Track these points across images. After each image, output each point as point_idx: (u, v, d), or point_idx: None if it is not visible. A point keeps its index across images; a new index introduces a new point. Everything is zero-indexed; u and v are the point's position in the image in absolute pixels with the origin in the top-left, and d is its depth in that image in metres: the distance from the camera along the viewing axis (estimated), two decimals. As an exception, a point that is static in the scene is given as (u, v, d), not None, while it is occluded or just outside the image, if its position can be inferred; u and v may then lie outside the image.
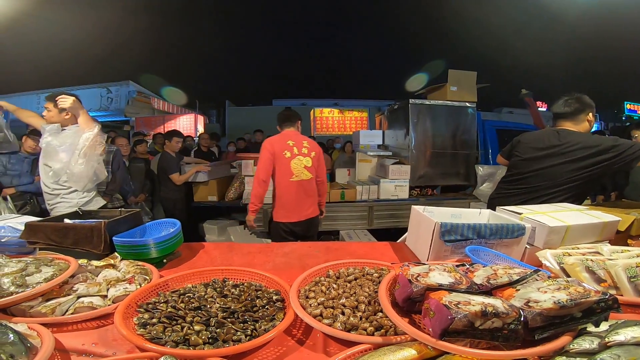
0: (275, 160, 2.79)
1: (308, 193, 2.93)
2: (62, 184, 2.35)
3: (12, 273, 1.07)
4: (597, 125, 16.02)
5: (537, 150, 2.20)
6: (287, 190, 2.83)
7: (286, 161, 2.80)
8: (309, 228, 2.99)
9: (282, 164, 2.80)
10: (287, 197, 2.84)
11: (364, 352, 0.81)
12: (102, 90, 9.79)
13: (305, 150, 2.89)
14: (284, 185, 2.82)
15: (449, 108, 4.48)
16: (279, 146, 2.81)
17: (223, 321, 0.92)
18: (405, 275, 0.94)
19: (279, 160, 2.80)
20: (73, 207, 2.23)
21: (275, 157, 2.79)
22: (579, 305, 0.76)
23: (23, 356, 0.73)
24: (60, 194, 2.37)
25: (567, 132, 2.14)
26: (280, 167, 2.80)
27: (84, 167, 2.26)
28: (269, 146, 2.80)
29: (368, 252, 1.72)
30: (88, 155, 2.25)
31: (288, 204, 2.85)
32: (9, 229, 1.59)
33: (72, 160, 2.25)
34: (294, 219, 2.87)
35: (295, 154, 2.84)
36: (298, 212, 2.88)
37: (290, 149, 2.83)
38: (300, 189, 2.86)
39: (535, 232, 1.45)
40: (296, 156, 2.84)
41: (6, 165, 3.13)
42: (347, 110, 13.94)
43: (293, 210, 2.86)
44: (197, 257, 1.63)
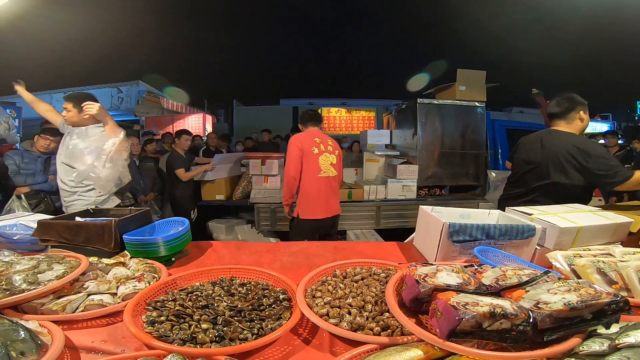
0: (303, 157, 2.80)
1: (334, 190, 2.96)
2: (81, 182, 2.40)
3: (24, 270, 1.09)
4: (610, 125, 15.73)
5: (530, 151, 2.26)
6: (316, 187, 2.82)
7: (314, 157, 2.82)
8: (332, 225, 3.01)
9: (310, 160, 2.81)
10: (316, 194, 2.83)
11: (370, 352, 0.81)
12: (112, 90, 9.93)
13: (330, 147, 2.93)
14: (313, 182, 2.81)
15: (457, 108, 4.44)
16: (307, 143, 2.82)
17: (230, 320, 0.92)
18: (412, 276, 0.93)
19: (307, 157, 2.80)
20: (90, 205, 2.26)
21: (304, 153, 2.80)
22: (590, 307, 0.75)
23: (33, 353, 0.75)
24: (77, 192, 2.41)
25: (555, 132, 2.18)
26: (309, 163, 2.81)
27: (111, 171, 2.32)
28: (298, 142, 2.80)
29: (375, 252, 1.71)
30: (114, 160, 2.31)
31: (316, 200, 2.83)
32: (21, 226, 1.62)
33: (99, 165, 2.30)
34: (321, 215, 2.86)
35: (322, 150, 2.86)
36: (325, 209, 2.87)
37: (318, 146, 2.85)
38: (328, 185, 2.87)
39: (545, 233, 1.43)
40: (323, 153, 2.86)
41: (19, 165, 3.17)
42: (354, 110, 13.93)
43: (321, 207, 2.85)
44: (205, 255, 1.64)
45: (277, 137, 8.58)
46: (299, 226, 2.89)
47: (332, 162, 2.90)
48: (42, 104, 2.60)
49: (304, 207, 2.84)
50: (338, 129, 13.49)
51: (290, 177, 2.80)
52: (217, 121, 14.20)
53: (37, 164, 3.27)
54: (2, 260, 1.19)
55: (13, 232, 1.54)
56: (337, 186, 2.99)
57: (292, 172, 2.79)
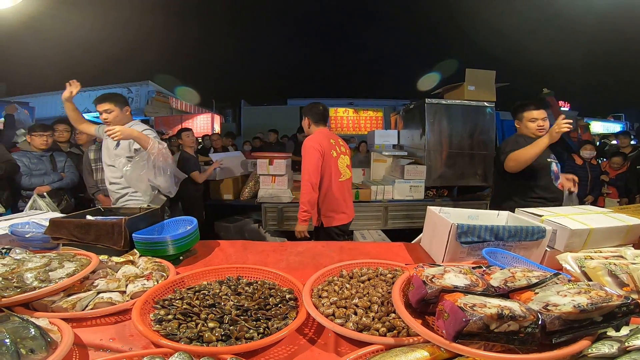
0: (324, 161, 2.55)
1: (351, 192, 2.83)
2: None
3: (36, 268, 1.11)
4: (623, 125, 15.44)
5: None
6: (340, 191, 2.62)
7: (334, 161, 2.61)
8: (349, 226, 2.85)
9: (331, 164, 2.58)
10: (341, 199, 2.63)
11: (376, 353, 0.81)
12: (123, 90, 10.06)
13: (343, 148, 2.76)
14: (336, 187, 2.60)
15: (466, 108, 4.39)
16: (326, 145, 2.58)
17: (236, 319, 0.93)
18: (419, 277, 0.93)
19: (327, 161, 2.57)
20: (142, 203, 2.38)
21: (325, 158, 2.55)
22: (600, 309, 0.73)
23: (43, 351, 0.76)
24: (128, 192, 2.50)
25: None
26: (330, 167, 2.58)
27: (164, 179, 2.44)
28: (319, 147, 2.51)
29: (382, 252, 1.71)
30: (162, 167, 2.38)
31: (341, 206, 2.64)
32: (33, 224, 1.66)
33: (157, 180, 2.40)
34: (346, 220, 2.69)
35: (339, 152, 2.68)
36: (349, 212, 2.72)
37: (334, 148, 2.64)
38: (347, 188, 2.73)
39: (556, 234, 1.41)
40: (340, 155, 2.68)
41: (29, 166, 3.17)
42: (362, 110, 13.88)
43: (345, 211, 2.68)
44: (212, 254, 1.66)
45: (284, 137, 8.59)
46: (326, 236, 2.64)
47: (347, 164, 2.74)
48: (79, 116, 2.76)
49: (329, 215, 2.62)
50: (345, 129, 13.46)
51: (313, 184, 2.50)
52: (225, 121, 14.28)
53: (45, 162, 3.27)
54: (14, 258, 1.21)
55: (25, 230, 1.57)
56: (352, 188, 2.87)
57: (314, 179, 2.49)
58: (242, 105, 14.76)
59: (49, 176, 3.22)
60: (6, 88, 10.42)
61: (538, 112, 2.41)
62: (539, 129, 2.39)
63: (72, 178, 3.40)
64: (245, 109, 14.67)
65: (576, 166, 4.91)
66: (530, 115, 2.41)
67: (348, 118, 13.85)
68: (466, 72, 4.39)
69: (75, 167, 3.48)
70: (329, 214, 2.61)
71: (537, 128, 2.40)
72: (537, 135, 2.40)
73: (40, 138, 3.25)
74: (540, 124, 2.40)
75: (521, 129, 2.50)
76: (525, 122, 2.44)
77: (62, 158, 3.43)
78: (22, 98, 8.92)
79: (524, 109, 2.45)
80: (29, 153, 3.24)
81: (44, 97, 10.05)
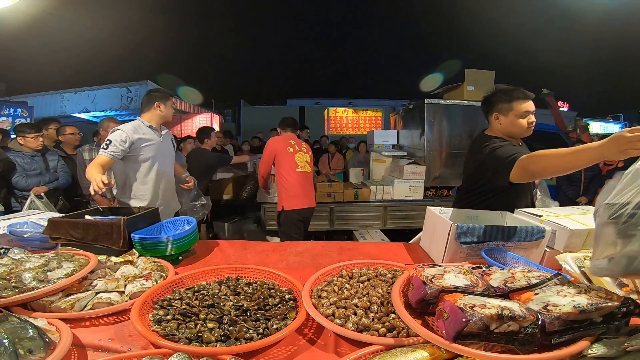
0: (278, 156, 3.19)
1: (311, 183, 3.34)
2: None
3: (34, 268, 1.11)
4: (622, 125, 15.46)
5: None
6: (295, 180, 3.16)
7: (290, 155, 3.21)
8: (310, 218, 3.36)
9: (286, 157, 3.19)
10: (295, 186, 3.16)
11: (376, 353, 0.81)
12: (122, 90, 10.03)
13: (304, 149, 3.33)
14: (292, 176, 3.17)
15: (465, 108, 4.39)
16: (282, 144, 3.23)
17: (236, 319, 0.93)
18: (419, 277, 0.93)
19: (284, 155, 3.19)
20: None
21: (278, 153, 3.19)
22: (600, 310, 0.74)
23: (41, 351, 0.76)
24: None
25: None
26: (286, 160, 3.19)
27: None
28: (272, 144, 3.27)
29: (381, 252, 1.71)
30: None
31: (297, 192, 3.16)
32: (31, 224, 1.65)
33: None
34: (304, 205, 3.19)
35: (297, 150, 3.26)
36: (306, 199, 3.22)
37: (292, 146, 3.25)
38: (305, 179, 3.24)
39: (555, 235, 1.40)
40: (298, 152, 3.25)
41: (24, 167, 3.15)
42: (361, 110, 13.84)
43: (302, 197, 3.19)
44: (211, 254, 1.65)
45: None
46: (286, 219, 3.19)
47: (307, 160, 3.29)
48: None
49: (287, 200, 3.15)
50: (345, 129, 13.44)
51: (260, 175, 3.40)
52: (225, 121, 14.27)
53: (38, 162, 3.24)
54: (12, 258, 1.20)
55: (23, 229, 1.57)
56: (312, 182, 3.39)
57: (262, 170, 3.33)
58: (242, 105, 14.76)
59: (45, 176, 3.21)
60: (5, 87, 10.41)
61: (529, 103, 1.79)
62: (530, 127, 1.82)
63: (67, 178, 3.38)
64: (244, 109, 14.68)
65: None
66: (521, 108, 1.78)
67: (347, 118, 13.82)
68: (465, 72, 4.39)
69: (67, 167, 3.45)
70: (286, 199, 3.16)
71: (529, 125, 1.81)
72: (522, 135, 1.86)
73: (36, 140, 3.22)
74: (532, 120, 1.80)
75: (501, 127, 1.87)
76: (512, 117, 1.80)
77: (54, 157, 3.40)
78: (21, 97, 8.90)
79: (510, 99, 1.80)
80: (21, 153, 3.20)
81: (43, 96, 10.03)
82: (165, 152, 2.46)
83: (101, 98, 9.33)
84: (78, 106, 9.45)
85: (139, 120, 2.36)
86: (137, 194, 2.34)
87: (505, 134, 1.87)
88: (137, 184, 2.33)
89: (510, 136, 1.87)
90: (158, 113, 2.40)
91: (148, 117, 2.38)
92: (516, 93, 1.80)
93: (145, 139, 2.29)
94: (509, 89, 1.84)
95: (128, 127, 2.25)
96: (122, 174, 2.34)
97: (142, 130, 2.31)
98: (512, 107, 1.80)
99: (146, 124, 2.35)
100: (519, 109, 1.78)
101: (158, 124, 2.42)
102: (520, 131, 1.83)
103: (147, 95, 2.42)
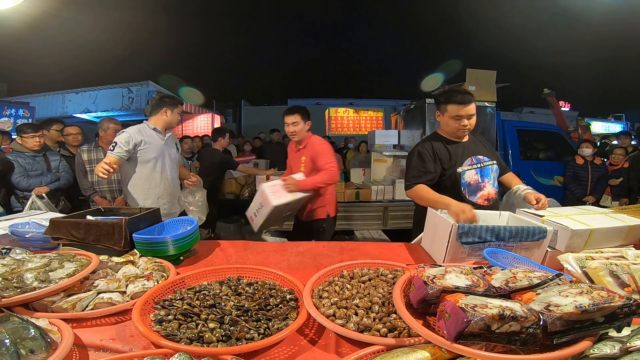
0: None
1: None
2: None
3: (36, 268, 1.11)
4: (624, 125, 15.43)
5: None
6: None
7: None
8: None
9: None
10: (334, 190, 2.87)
11: (377, 354, 0.81)
12: (123, 90, 10.04)
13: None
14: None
15: (466, 108, 4.39)
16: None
17: (237, 319, 0.93)
18: (420, 277, 0.93)
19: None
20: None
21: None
22: (602, 309, 0.73)
23: (43, 351, 0.76)
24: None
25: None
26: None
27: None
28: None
29: (383, 252, 1.70)
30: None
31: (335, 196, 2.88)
32: (33, 224, 1.65)
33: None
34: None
35: None
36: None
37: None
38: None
39: (557, 235, 1.40)
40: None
41: (25, 167, 3.13)
42: (362, 110, 13.85)
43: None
44: (213, 254, 1.65)
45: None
46: (329, 226, 2.80)
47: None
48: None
49: (332, 205, 2.78)
50: (346, 129, 13.44)
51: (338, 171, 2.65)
52: (226, 121, 14.26)
53: (40, 162, 3.22)
54: (14, 258, 1.21)
55: (25, 230, 1.57)
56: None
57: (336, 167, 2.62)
58: (243, 106, 14.76)
59: (46, 176, 3.19)
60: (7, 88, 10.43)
61: (464, 108, 1.84)
62: (461, 129, 1.89)
63: (69, 178, 3.37)
64: (245, 109, 14.67)
65: (577, 166, 4.84)
66: (454, 111, 1.86)
67: (348, 118, 13.82)
68: (467, 72, 4.39)
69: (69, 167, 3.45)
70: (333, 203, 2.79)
71: (459, 128, 1.89)
72: (456, 135, 1.95)
73: (33, 139, 3.18)
74: (464, 124, 1.87)
75: (441, 123, 2.00)
76: (447, 117, 1.90)
77: (56, 157, 3.39)
78: (23, 98, 8.92)
79: (448, 100, 1.88)
80: (22, 154, 3.19)
81: (45, 97, 10.05)
82: (168, 154, 2.51)
83: (102, 98, 9.33)
84: (79, 106, 9.47)
85: (145, 124, 2.45)
86: (140, 195, 2.40)
87: (444, 132, 2.02)
88: (141, 185, 2.40)
89: (447, 134, 2.00)
90: (164, 118, 2.48)
91: (154, 121, 2.47)
92: (455, 96, 1.87)
93: (147, 140, 2.36)
94: (451, 92, 1.92)
95: (133, 129, 2.34)
96: (126, 175, 2.41)
97: (146, 133, 2.39)
98: (446, 108, 1.90)
99: (150, 126, 2.44)
100: (452, 111, 1.87)
101: (163, 128, 2.49)
102: (452, 131, 1.94)
103: (158, 100, 2.55)
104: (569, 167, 4.91)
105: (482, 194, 1.96)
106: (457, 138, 1.98)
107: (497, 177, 2.05)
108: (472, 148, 1.99)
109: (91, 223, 1.53)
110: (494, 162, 2.03)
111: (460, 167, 1.93)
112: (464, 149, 1.97)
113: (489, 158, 2.02)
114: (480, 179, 1.96)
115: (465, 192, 1.93)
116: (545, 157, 5.79)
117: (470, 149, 1.98)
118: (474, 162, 1.96)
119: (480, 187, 1.96)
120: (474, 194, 1.95)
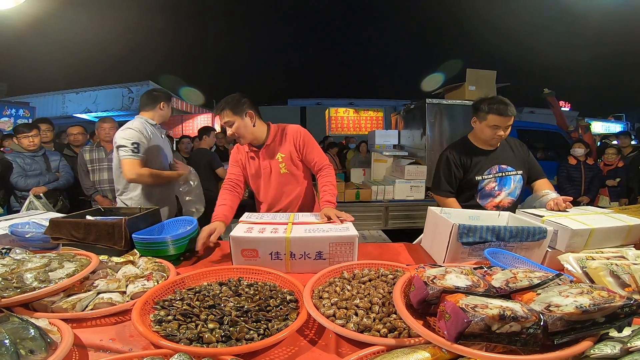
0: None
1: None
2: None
3: (36, 268, 1.11)
4: (624, 125, 15.43)
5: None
6: None
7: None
8: None
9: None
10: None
11: (377, 354, 0.80)
12: (123, 90, 10.06)
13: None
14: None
15: (467, 108, 4.38)
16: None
17: (236, 320, 0.93)
18: (420, 277, 0.92)
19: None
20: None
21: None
22: (602, 310, 0.73)
23: (42, 351, 0.76)
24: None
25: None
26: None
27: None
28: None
29: (383, 253, 1.70)
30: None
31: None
32: (33, 224, 1.65)
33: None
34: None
35: None
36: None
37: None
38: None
39: (557, 235, 1.40)
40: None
41: (24, 167, 3.14)
42: (362, 110, 13.84)
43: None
44: (213, 255, 1.65)
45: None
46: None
47: None
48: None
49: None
50: (346, 129, 13.44)
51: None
52: (226, 121, 14.25)
53: (39, 162, 3.22)
54: (13, 258, 1.20)
55: (25, 230, 1.57)
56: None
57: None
58: (243, 106, 14.74)
59: (45, 176, 3.19)
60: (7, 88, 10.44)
61: (503, 119, 1.90)
62: (496, 139, 1.96)
63: (68, 178, 3.37)
64: (245, 109, 14.65)
65: (570, 167, 4.80)
66: (494, 121, 1.91)
67: (348, 118, 13.81)
68: (467, 72, 4.39)
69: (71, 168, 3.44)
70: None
71: (494, 137, 1.95)
72: (489, 144, 2.02)
73: (27, 139, 3.16)
74: (500, 134, 1.94)
75: (475, 129, 2.06)
76: (484, 125, 1.96)
77: (56, 157, 3.38)
78: (23, 98, 8.93)
79: (490, 109, 1.92)
80: (21, 154, 3.18)
81: (45, 97, 10.05)
82: (167, 151, 2.43)
83: (102, 98, 9.35)
84: (80, 106, 9.48)
85: (143, 119, 2.29)
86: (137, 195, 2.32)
87: (476, 138, 2.08)
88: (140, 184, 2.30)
89: (479, 141, 2.06)
90: (161, 113, 2.36)
91: (151, 116, 2.33)
92: (498, 107, 1.90)
93: (151, 137, 2.27)
94: (495, 102, 1.94)
95: (139, 126, 2.21)
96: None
97: (149, 130, 2.27)
98: (487, 117, 1.94)
99: (151, 122, 2.31)
100: (492, 120, 1.92)
101: (159, 123, 2.40)
102: (485, 139, 2.01)
103: (149, 94, 2.35)
104: (562, 168, 4.88)
105: (493, 200, 2.04)
106: (488, 146, 2.04)
107: (520, 187, 2.08)
108: (499, 156, 2.04)
109: (91, 223, 1.53)
110: (519, 172, 2.06)
111: (480, 176, 2.02)
112: (491, 157, 2.04)
113: (514, 168, 2.06)
114: (498, 187, 2.03)
115: (477, 195, 2.04)
116: (546, 157, 5.78)
117: (496, 157, 2.03)
118: (496, 171, 2.03)
119: (494, 194, 2.03)
120: (485, 198, 2.04)
